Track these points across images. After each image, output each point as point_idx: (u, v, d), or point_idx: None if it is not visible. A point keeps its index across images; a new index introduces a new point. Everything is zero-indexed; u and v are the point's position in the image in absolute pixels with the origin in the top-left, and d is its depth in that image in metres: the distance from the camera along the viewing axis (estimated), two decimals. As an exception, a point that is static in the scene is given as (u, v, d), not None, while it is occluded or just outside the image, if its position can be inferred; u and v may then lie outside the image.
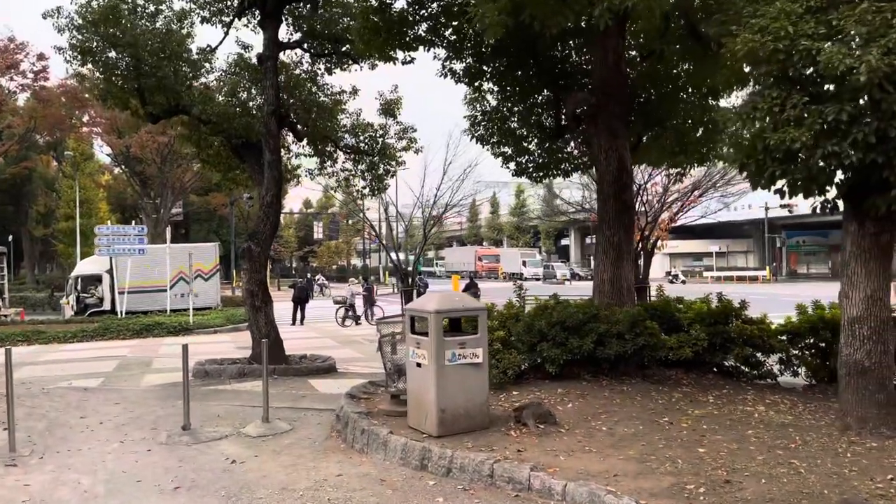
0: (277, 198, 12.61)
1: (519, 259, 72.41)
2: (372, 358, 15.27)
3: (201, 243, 34.38)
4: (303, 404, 9.52)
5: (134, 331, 20.68)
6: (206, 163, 14.10)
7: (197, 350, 17.25)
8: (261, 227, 12.50)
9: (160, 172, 45.77)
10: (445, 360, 6.61)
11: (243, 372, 11.76)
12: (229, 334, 21.66)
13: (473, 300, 7.00)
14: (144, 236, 25.11)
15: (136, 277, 25.80)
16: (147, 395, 10.79)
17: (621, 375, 8.75)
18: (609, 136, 9.54)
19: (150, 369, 13.79)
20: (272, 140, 12.47)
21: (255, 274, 12.43)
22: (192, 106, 13.16)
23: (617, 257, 9.43)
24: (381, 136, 13.74)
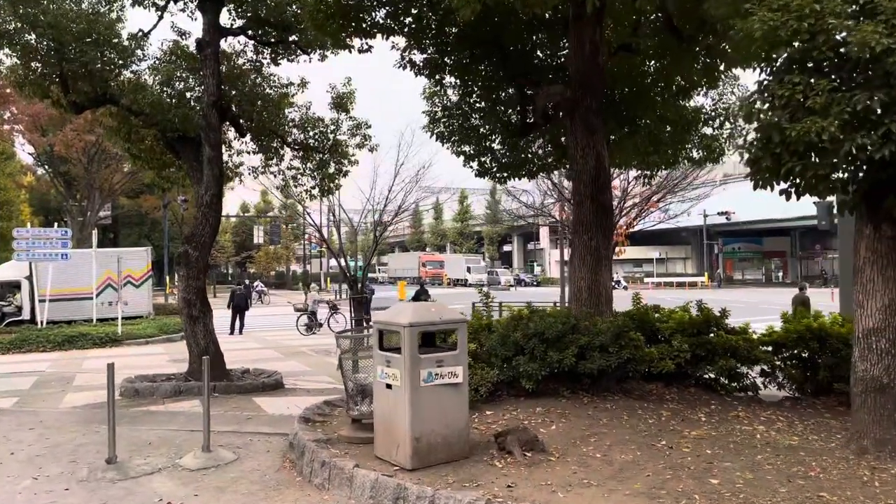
0: (218, 197, 11.47)
1: (463, 265, 72.04)
2: (321, 371, 14.24)
3: (131, 248, 32.40)
4: (248, 428, 8.46)
5: (55, 342, 18.96)
6: (138, 159, 12.81)
7: (126, 364, 15.81)
8: (199, 229, 11.34)
9: (87, 173, 43.15)
10: (421, 380, 5.74)
11: (179, 390, 10.57)
12: (163, 345, 20.16)
13: (451, 311, 6.15)
14: (68, 240, 23.24)
15: (59, 284, 23.87)
16: (67, 418, 9.50)
17: (602, 391, 8.06)
18: (586, 132, 8.88)
19: (72, 387, 12.39)
20: (213, 134, 11.34)
21: (192, 281, 11.25)
22: (120, 95, 11.91)
23: (595, 263, 8.76)
24: (332, 131, 12.75)
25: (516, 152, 12.03)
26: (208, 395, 7.21)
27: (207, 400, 7.18)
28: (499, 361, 8.04)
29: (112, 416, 7.07)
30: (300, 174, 13.10)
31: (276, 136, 12.61)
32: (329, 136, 12.66)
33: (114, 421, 7.09)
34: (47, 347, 18.67)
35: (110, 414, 7.12)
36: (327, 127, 12.75)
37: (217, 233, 11.58)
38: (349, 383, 6.87)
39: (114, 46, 11.87)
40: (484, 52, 10.53)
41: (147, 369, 14.54)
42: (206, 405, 7.18)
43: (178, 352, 18.20)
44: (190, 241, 11.33)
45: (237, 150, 13.87)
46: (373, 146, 12.77)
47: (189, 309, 11.23)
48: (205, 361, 7.20)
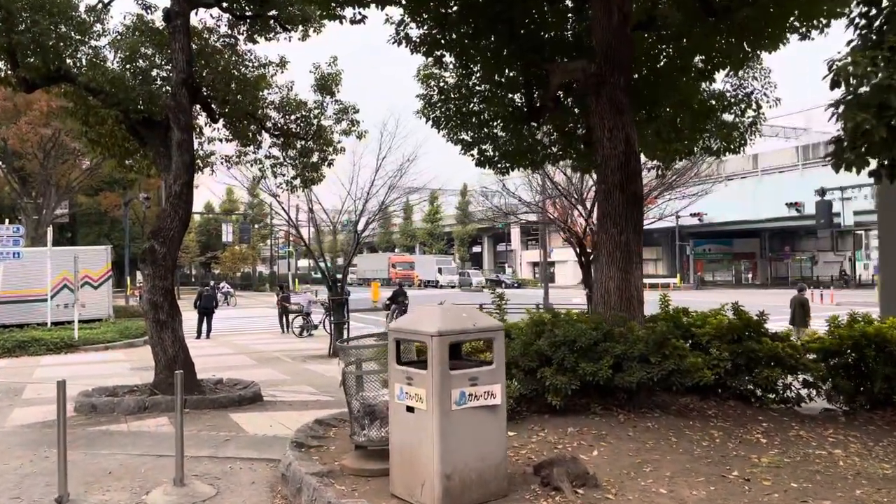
0: (188, 187, 10.19)
1: (434, 266, 71.02)
2: (299, 379, 13.02)
3: (89, 246, 30.58)
4: (228, 452, 7.24)
5: (4, 348, 17.35)
6: (97, 145, 11.44)
7: (83, 373, 14.36)
8: (167, 222, 10.05)
9: (42, 169, 40.93)
10: (452, 402, 4.64)
11: (144, 405, 9.26)
12: (123, 351, 18.64)
13: (485, 316, 5.07)
14: (21, 237, 21.53)
15: (11, 285, 22.11)
16: (12, 440, 8.15)
17: (639, 407, 7.05)
18: (614, 112, 7.86)
19: (20, 400, 10.98)
20: (182, 115, 10.07)
21: (159, 280, 9.96)
22: (77, 72, 10.56)
23: (625, 260, 7.74)
24: (315, 116, 11.54)
25: (520, 140, 10.99)
26: (181, 417, 5.99)
27: (180, 422, 5.96)
28: (520, 373, 6.99)
29: (63, 446, 5.80)
30: (280, 163, 11.86)
31: (253, 119, 11.37)
32: (312, 122, 11.46)
33: (65, 450, 5.83)
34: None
35: (61, 441, 5.86)
36: (310, 111, 11.54)
37: (187, 227, 10.31)
38: (354, 403, 5.73)
39: (69, 19, 10.53)
40: (489, 25, 9.48)
41: (106, 379, 13.16)
42: (180, 429, 5.95)
43: (141, 359, 16.76)
44: (156, 236, 10.03)
45: (208, 138, 12.59)
46: (360, 133, 11.61)
47: (155, 312, 9.93)
48: (177, 377, 5.98)
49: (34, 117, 37.98)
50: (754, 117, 10.36)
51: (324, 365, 15.15)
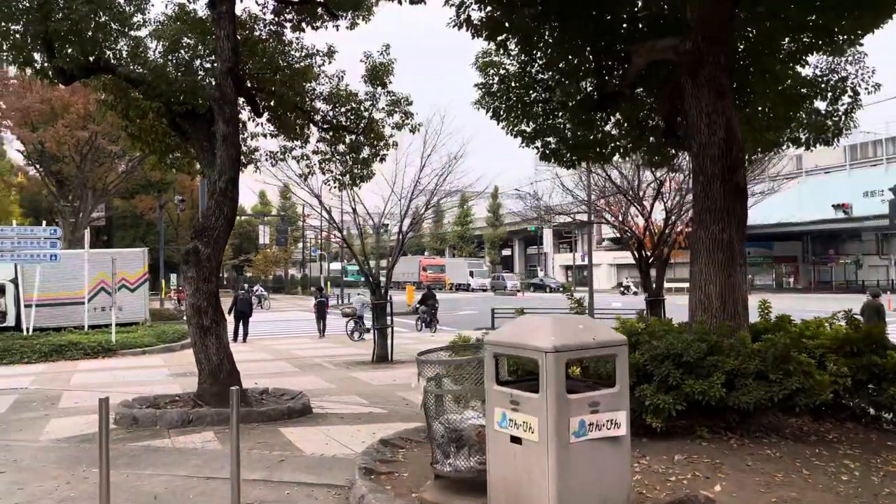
0: (234, 183, 9.52)
1: (466, 269, 69.93)
2: (346, 388, 12.30)
3: (126, 249, 30.37)
4: (284, 475, 6.49)
5: (41, 353, 16.96)
6: (137, 140, 10.85)
7: (121, 379, 13.83)
8: (211, 221, 9.38)
9: (79, 172, 41.04)
10: (570, 433, 3.82)
11: (187, 418, 8.58)
12: (161, 356, 18.15)
13: (604, 327, 4.23)
14: (58, 239, 21.23)
15: (48, 288, 21.86)
16: (48, 455, 7.53)
17: (751, 431, 6.15)
18: (713, 95, 6.99)
19: (57, 409, 10.42)
20: (227, 107, 9.40)
21: (203, 284, 9.29)
22: (117, 63, 9.99)
23: (727, 262, 6.85)
24: (366, 108, 10.81)
25: (587, 131, 10.14)
26: (237, 442, 5.24)
27: (236, 447, 5.21)
28: (613, 390, 6.12)
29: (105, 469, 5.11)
30: (327, 159, 11.15)
31: (300, 112, 10.67)
32: (363, 114, 10.72)
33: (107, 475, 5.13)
34: (32, 358, 16.68)
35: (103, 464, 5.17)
36: (361, 103, 10.81)
37: (232, 226, 9.63)
38: (436, 426, 4.93)
39: (109, 8, 9.96)
40: (558, 5, 8.64)
41: (145, 386, 12.60)
42: (236, 455, 5.21)
43: (180, 364, 16.23)
44: (200, 236, 9.37)
45: (252, 133, 11.93)
46: (414, 126, 10.85)
47: (199, 318, 9.27)
48: (233, 394, 5.24)
49: (71, 120, 38.09)
50: (850, 105, 9.38)
51: (369, 372, 14.43)
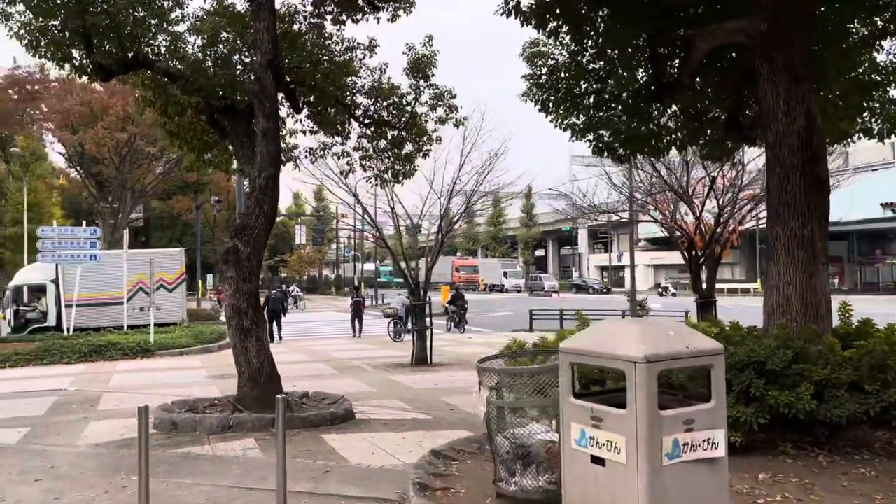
0: (274, 180, 9.21)
1: (500, 270, 69.15)
2: (387, 392, 11.92)
3: (164, 249, 30.51)
4: (329, 487, 6.12)
5: (81, 353, 16.96)
6: (176, 137, 10.64)
7: (160, 380, 13.67)
8: (251, 219, 9.09)
9: (118, 173, 41.59)
10: (663, 454, 3.35)
11: (227, 424, 8.28)
12: (199, 357, 18.03)
13: (696, 333, 3.75)
14: (97, 240, 21.34)
15: (88, 288, 21.97)
16: (87, 463, 7.28)
17: (841, 446, 5.59)
18: (790, 80, 6.44)
19: (96, 412, 10.24)
20: (268, 101, 9.10)
21: (243, 284, 8.99)
22: (156, 57, 9.77)
23: (809, 261, 6.29)
24: (409, 102, 10.42)
25: (641, 123, 9.61)
26: (283, 454, 4.87)
27: (283, 460, 4.84)
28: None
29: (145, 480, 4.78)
30: (368, 156, 10.80)
31: (341, 107, 10.34)
32: (406, 108, 10.33)
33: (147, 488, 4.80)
34: (72, 359, 16.69)
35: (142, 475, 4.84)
36: (403, 97, 10.43)
37: (273, 224, 9.33)
38: (500, 440, 4.50)
39: (147, 3, 9.75)
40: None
41: (184, 388, 12.40)
42: (282, 467, 4.83)
43: (217, 365, 16.07)
44: (240, 235, 9.08)
45: (290, 130, 11.65)
46: (459, 119, 10.43)
47: (239, 319, 8.97)
48: (279, 403, 4.86)
49: (110, 122, 38.58)
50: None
51: (409, 375, 14.05)
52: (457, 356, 17.09)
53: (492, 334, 25.31)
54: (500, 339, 22.45)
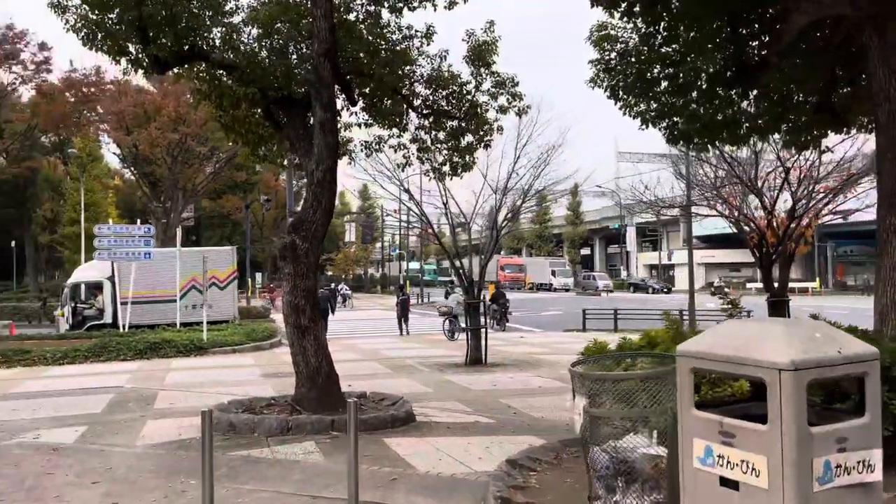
0: (332, 173, 8.88)
1: (547, 268, 68.01)
2: (445, 394, 11.51)
3: (216, 247, 30.76)
4: (399, 497, 5.72)
5: (136, 350, 17.04)
6: (230, 130, 10.42)
7: (214, 378, 13.56)
8: (309, 214, 8.78)
9: (170, 173, 42.33)
10: (813, 479, 2.83)
11: (286, 425, 7.97)
12: (251, 355, 17.96)
13: (851, 338, 3.21)
14: (151, 237, 21.53)
15: (142, 286, 22.22)
16: (145, 465, 7.05)
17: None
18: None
19: (152, 410, 10.10)
20: (325, 91, 8.78)
21: (300, 281, 8.70)
22: (211, 49, 9.56)
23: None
24: (469, 91, 9.98)
25: (718, 109, 8.98)
26: (355, 460, 4.48)
27: (355, 469, 4.45)
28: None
29: (209, 489, 4.45)
30: (426, 147, 10.40)
31: (398, 97, 9.96)
32: (466, 98, 9.89)
33: (211, 495, 4.47)
34: (128, 356, 16.77)
35: (206, 482, 4.52)
36: (463, 85, 9.98)
37: (331, 218, 9.01)
38: (598, 454, 4.02)
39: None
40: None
41: (238, 387, 12.23)
42: (354, 475, 4.44)
43: (270, 363, 15.93)
44: (297, 230, 8.78)
45: (345, 124, 11.32)
46: (522, 108, 9.93)
47: (297, 317, 8.67)
48: (350, 407, 4.47)
49: (162, 122, 39.22)
50: None
51: (464, 375, 13.62)
52: (511, 356, 16.62)
53: (543, 334, 24.74)
54: (553, 339, 21.92)
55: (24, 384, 13.04)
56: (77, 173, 47.35)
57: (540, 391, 11.70)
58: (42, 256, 59.16)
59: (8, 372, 15.04)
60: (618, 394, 3.91)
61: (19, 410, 10.28)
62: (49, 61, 37.42)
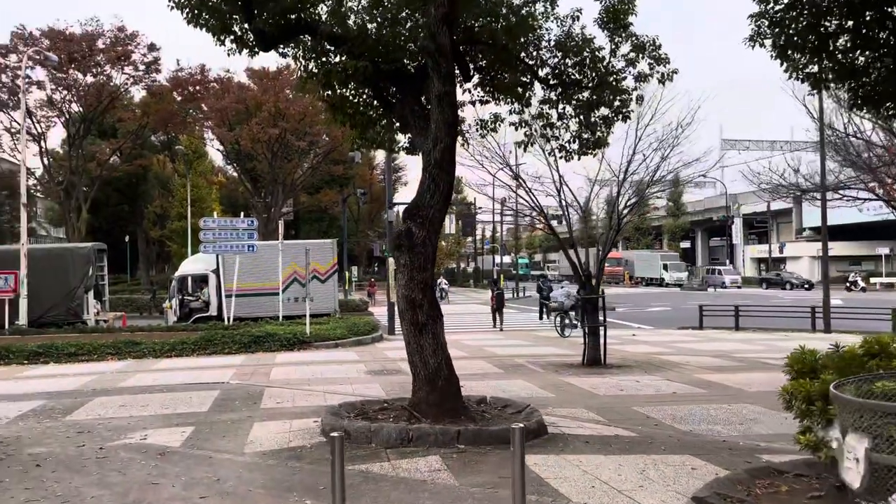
0: (451, 152, 7.94)
1: (658, 262, 64.18)
2: (569, 399, 10.38)
3: (316, 240, 30.75)
4: (553, 537, 4.68)
5: (241, 343, 16.85)
6: (337, 111, 9.64)
7: (319, 374, 12.96)
8: (426, 198, 7.86)
9: (270, 168, 43.08)
10: None
11: (407, 435, 7.06)
12: (354, 350, 17.43)
13: None
14: (255, 230, 21.44)
15: (245, 278, 22.22)
16: (254, 475, 6.33)
17: None
18: None
19: (259, 411, 9.51)
20: (444, 61, 7.82)
21: (417, 273, 7.80)
22: (318, 22, 8.80)
23: None
24: (602, 58, 8.76)
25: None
26: (522, 495, 3.45)
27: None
28: None
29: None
30: (551, 124, 9.27)
31: (522, 67, 8.87)
32: (601, 65, 8.68)
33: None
34: (233, 349, 16.60)
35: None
36: (595, 51, 8.76)
37: (449, 203, 8.06)
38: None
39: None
40: None
41: (344, 384, 11.58)
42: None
43: (374, 359, 15.29)
44: (413, 216, 7.89)
45: (458, 102, 10.35)
46: (666, 74, 8.60)
47: (413, 312, 7.78)
48: (515, 436, 3.45)
49: (263, 118, 39.86)
50: None
51: (585, 378, 12.43)
52: (631, 357, 15.27)
53: (655, 332, 23.08)
54: (670, 338, 20.26)
55: (130, 378, 12.91)
56: (184, 170, 49.08)
57: (675, 399, 10.38)
58: (153, 251, 62.01)
59: (119, 364, 15.10)
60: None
61: (128, 406, 9.96)
62: (158, 62, 38.67)
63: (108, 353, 16.00)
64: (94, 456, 7.11)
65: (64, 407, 9.99)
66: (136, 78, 39.05)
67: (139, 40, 38.14)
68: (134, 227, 59.04)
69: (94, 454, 7.19)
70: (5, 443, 7.74)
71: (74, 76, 37.67)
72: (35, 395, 11.15)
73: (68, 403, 10.25)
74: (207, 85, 40.71)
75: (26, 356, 15.44)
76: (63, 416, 9.34)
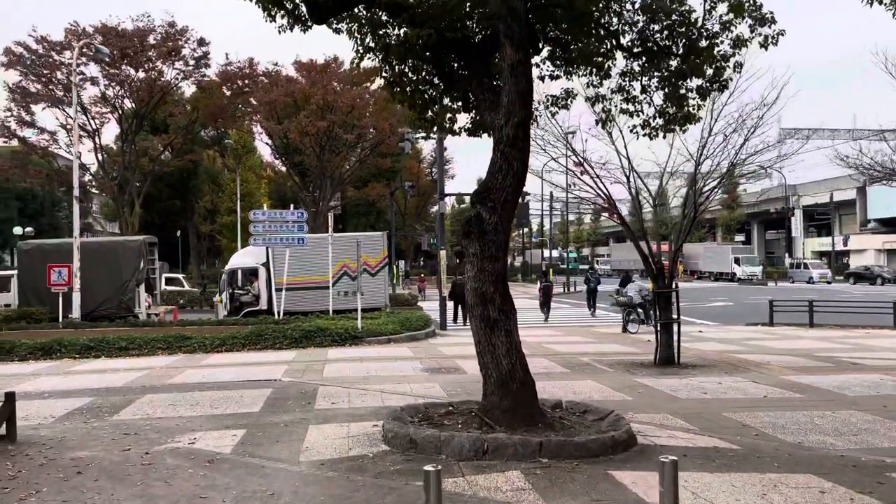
0: (525, 128, 7.09)
1: (728, 255, 61.31)
2: (649, 403, 9.41)
3: (366, 232, 30.23)
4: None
5: (292, 338, 16.33)
6: (395, 86, 8.86)
7: (374, 373, 12.20)
8: (498, 179, 7.03)
9: (318, 162, 42.80)
10: None
11: (482, 448, 6.24)
12: (407, 346, 16.72)
13: None
14: (304, 222, 20.94)
15: (295, 272, 21.76)
16: (312, 489, 5.62)
17: None
18: None
19: (314, 412, 8.84)
20: (516, 26, 6.96)
21: (488, 263, 6.98)
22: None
23: None
24: (695, 21, 7.77)
25: None
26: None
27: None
28: None
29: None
30: (632, 98, 8.31)
31: (602, 32, 7.93)
32: (693, 29, 7.68)
33: None
34: (284, 344, 16.08)
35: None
36: (686, 14, 7.76)
37: (523, 185, 7.20)
38: None
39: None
40: None
41: (402, 384, 10.84)
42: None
43: (430, 356, 14.52)
44: (483, 200, 7.07)
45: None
46: (773, 35, 7.54)
47: (484, 308, 6.97)
48: (667, 470, 2.60)
49: (311, 111, 39.56)
50: None
51: (660, 379, 11.44)
52: (704, 355, 14.18)
53: (721, 328, 21.77)
54: (740, 335, 18.92)
55: (180, 374, 12.43)
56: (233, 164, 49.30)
57: (769, 403, 9.34)
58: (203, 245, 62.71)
59: (170, 359, 14.71)
60: None
61: (176, 405, 9.43)
62: (207, 56, 38.63)
63: (158, 348, 15.66)
64: (139, 462, 6.53)
65: (111, 405, 9.51)
66: (186, 73, 39.08)
67: (189, 35, 38.16)
68: (185, 222, 59.75)
69: (139, 460, 6.60)
70: (48, 445, 7.24)
71: (127, 72, 37.91)
72: (83, 391, 10.75)
73: (116, 401, 9.78)
74: (256, 79, 40.58)
75: (78, 350, 15.21)
76: (110, 416, 8.85)
